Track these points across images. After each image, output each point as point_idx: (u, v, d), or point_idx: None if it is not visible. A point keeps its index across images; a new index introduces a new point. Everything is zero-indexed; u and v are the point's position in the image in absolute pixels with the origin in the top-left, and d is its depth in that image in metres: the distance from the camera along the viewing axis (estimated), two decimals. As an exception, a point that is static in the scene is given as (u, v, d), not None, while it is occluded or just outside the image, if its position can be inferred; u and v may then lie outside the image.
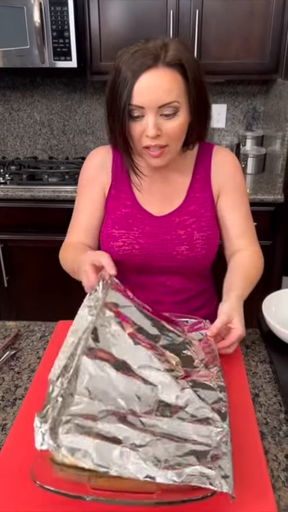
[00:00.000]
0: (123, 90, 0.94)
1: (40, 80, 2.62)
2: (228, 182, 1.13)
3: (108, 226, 1.13)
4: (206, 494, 0.60)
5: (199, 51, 2.19)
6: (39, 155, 2.78)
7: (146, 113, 0.95)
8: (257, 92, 2.58)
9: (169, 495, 0.61)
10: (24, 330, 1.09)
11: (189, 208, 1.12)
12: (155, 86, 0.93)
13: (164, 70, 0.93)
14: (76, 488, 0.62)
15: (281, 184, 2.18)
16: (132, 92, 0.93)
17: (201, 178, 1.13)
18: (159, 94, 0.93)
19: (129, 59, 0.94)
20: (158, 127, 0.96)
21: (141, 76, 0.92)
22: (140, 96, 0.93)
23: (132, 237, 1.11)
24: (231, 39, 2.17)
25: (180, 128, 0.99)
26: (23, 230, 2.26)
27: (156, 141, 0.98)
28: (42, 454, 0.64)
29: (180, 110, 0.96)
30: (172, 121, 0.97)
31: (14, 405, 0.85)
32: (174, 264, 1.12)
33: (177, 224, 1.11)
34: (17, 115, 2.71)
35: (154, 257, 1.12)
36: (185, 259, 1.11)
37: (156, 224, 1.12)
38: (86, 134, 2.72)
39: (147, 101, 0.93)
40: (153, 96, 0.93)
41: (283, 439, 0.77)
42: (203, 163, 1.14)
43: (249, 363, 0.97)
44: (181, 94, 0.95)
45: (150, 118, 0.95)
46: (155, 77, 0.93)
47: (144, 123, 0.96)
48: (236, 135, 2.66)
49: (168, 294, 1.17)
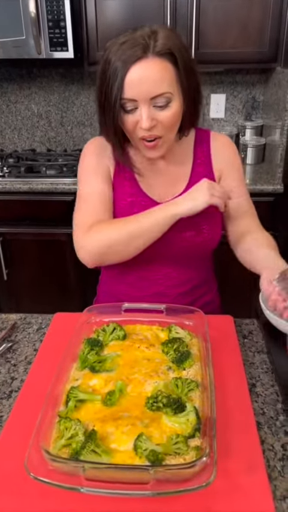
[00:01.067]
0: (114, 83, 0.92)
1: (37, 72, 2.59)
2: (228, 164, 1.14)
3: (113, 216, 1.12)
4: (201, 484, 0.60)
5: (197, 40, 2.15)
6: (37, 147, 2.76)
7: (138, 105, 0.94)
8: (256, 81, 2.55)
9: (163, 486, 0.61)
10: (21, 323, 1.09)
11: None
12: (146, 78, 0.92)
13: (154, 60, 0.91)
14: (70, 479, 0.62)
15: (280, 174, 2.16)
16: (124, 85, 0.92)
17: (202, 162, 1.13)
18: (151, 86, 0.92)
19: (118, 51, 0.92)
20: (152, 118, 0.95)
21: (131, 68, 0.91)
22: (131, 89, 0.92)
23: None
24: (229, 27, 2.14)
25: (174, 117, 0.98)
26: (21, 223, 2.25)
27: (151, 132, 0.97)
28: (35, 446, 0.64)
29: (173, 99, 0.95)
30: (166, 110, 0.96)
31: (10, 397, 0.85)
32: (180, 251, 1.11)
33: None
34: (14, 107, 2.69)
35: (159, 245, 1.07)
36: (192, 245, 1.11)
37: None
38: (84, 126, 2.70)
39: (139, 94, 0.92)
40: (144, 88, 0.92)
41: (279, 429, 0.77)
42: (201, 148, 1.14)
43: (246, 353, 0.96)
44: (173, 83, 0.94)
45: (144, 110, 0.94)
46: (145, 69, 0.91)
47: (138, 115, 0.95)
48: (235, 125, 2.64)
49: (174, 286, 1.16)
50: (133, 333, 0.95)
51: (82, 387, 0.79)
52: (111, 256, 1.05)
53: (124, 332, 0.93)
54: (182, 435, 0.68)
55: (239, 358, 0.93)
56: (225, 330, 1.01)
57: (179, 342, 0.88)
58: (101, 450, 0.65)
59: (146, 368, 0.83)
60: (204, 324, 0.92)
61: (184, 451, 0.66)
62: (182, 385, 0.78)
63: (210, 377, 0.77)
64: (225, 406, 0.79)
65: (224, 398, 0.81)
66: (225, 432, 0.73)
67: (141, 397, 0.76)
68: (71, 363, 0.86)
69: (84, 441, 0.66)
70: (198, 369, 0.83)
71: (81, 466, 0.61)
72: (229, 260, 1.15)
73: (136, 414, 0.73)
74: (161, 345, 0.89)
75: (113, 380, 0.80)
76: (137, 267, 1.14)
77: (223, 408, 0.78)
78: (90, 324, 0.97)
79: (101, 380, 0.81)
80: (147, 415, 0.73)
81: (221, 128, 2.63)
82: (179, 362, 0.84)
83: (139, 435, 0.66)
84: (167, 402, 0.73)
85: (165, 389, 0.77)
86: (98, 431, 0.68)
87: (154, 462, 0.64)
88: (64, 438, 0.68)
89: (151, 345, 0.90)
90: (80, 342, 0.91)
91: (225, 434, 0.73)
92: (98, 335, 0.94)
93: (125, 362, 0.85)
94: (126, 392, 0.78)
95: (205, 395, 0.75)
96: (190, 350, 0.88)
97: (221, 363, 0.90)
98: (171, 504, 0.63)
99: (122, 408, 0.74)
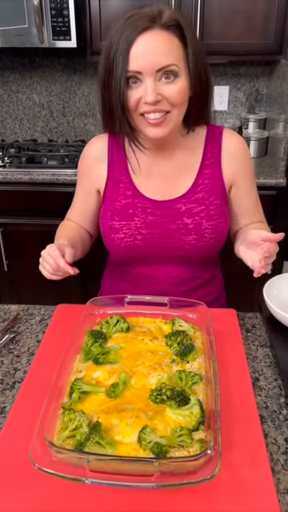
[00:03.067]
0: (119, 57, 0.90)
1: (39, 61, 2.56)
2: (241, 172, 1.11)
3: (108, 218, 1.10)
4: (205, 477, 0.60)
5: (201, 31, 2.13)
6: (39, 138, 2.74)
7: (143, 78, 0.91)
8: (260, 73, 2.53)
9: (168, 478, 0.61)
10: (24, 314, 1.09)
11: (197, 195, 1.08)
12: (152, 49, 0.89)
13: (161, 31, 0.90)
14: (75, 471, 0.62)
15: (283, 167, 2.15)
16: (129, 57, 0.89)
17: (210, 164, 1.09)
18: (157, 57, 0.89)
19: (123, 25, 0.91)
20: (157, 92, 0.91)
21: (137, 39, 0.89)
22: (136, 60, 0.89)
23: (134, 227, 1.08)
24: (234, 19, 2.12)
25: (181, 93, 0.94)
26: (22, 214, 2.24)
27: (157, 106, 0.93)
28: (40, 437, 0.64)
29: (180, 74, 0.93)
30: (172, 86, 0.93)
31: (13, 388, 0.85)
32: (181, 253, 1.10)
33: (183, 212, 1.07)
34: (15, 97, 2.66)
35: (159, 247, 1.09)
36: (193, 249, 1.08)
37: (160, 212, 1.08)
38: (86, 117, 2.67)
39: (144, 65, 0.89)
40: (150, 60, 0.89)
41: (283, 423, 0.77)
42: (212, 148, 1.09)
43: (249, 347, 0.96)
44: (180, 58, 0.92)
45: (149, 83, 0.91)
46: (151, 39, 0.89)
47: (142, 89, 0.92)
48: (239, 118, 2.62)
49: (175, 285, 1.15)
50: (136, 325, 0.94)
51: (86, 379, 0.79)
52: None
53: (128, 324, 0.92)
54: (186, 428, 0.68)
55: (242, 352, 0.93)
56: (228, 323, 1.01)
57: (182, 335, 0.88)
58: (105, 442, 0.65)
59: (150, 361, 0.83)
60: (207, 318, 0.92)
61: (188, 443, 0.66)
62: (185, 378, 0.78)
63: (214, 370, 0.77)
64: (228, 400, 0.79)
65: (227, 391, 0.81)
66: (229, 425, 0.73)
67: (145, 389, 0.76)
68: (75, 354, 0.85)
69: (88, 433, 0.66)
70: (202, 362, 0.83)
71: (85, 458, 0.61)
72: (232, 253, 1.14)
73: (140, 407, 0.73)
74: (165, 338, 0.89)
75: (116, 372, 0.80)
76: (138, 265, 1.14)
77: (226, 402, 0.78)
78: (94, 316, 0.97)
79: (104, 372, 0.81)
80: (151, 407, 0.73)
81: (224, 120, 2.61)
82: (183, 355, 0.84)
83: (143, 428, 0.66)
84: (171, 395, 0.73)
85: (169, 382, 0.77)
86: (102, 423, 0.68)
87: (158, 454, 0.64)
88: (68, 429, 0.68)
89: (155, 337, 0.90)
90: (83, 334, 0.90)
91: (229, 427, 0.73)
92: (101, 327, 0.93)
93: (129, 354, 0.85)
94: (130, 385, 0.78)
95: (209, 388, 0.75)
96: (194, 343, 0.88)
97: (224, 356, 0.89)
98: (174, 496, 0.63)
99: (125, 401, 0.74)
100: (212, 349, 0.83)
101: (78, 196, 1.19)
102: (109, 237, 1.11)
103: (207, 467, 0.62)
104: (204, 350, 0.86)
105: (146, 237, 1.08)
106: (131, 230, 1.08)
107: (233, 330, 0.99)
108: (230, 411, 0.77)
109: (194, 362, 0.84)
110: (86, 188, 1.16)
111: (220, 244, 1.12)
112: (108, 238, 1.12)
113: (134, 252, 1.10)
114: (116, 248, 1.11)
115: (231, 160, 1.09)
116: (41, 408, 0.70)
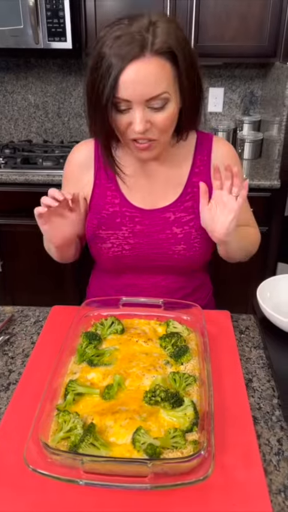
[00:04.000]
0: (107, 81, 0.85)
1: (34, 62, 2.56)
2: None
3: (94, 226, 1.07)
4: (199, 478, 0.61)
5: (196, 32, 2.14)
6: (34, 138, 2.74)
7: (132, 106, 0.88)
8: (255, 75, 2.54)
9: (162, 479, 0.62)
10: (18, 315, 1.09)
11: (186, 203, 1.06)
12: (142, 79, 0.85)
13: (152, 59, 0.84)
14: (69, 472, 0.62)
15: (277, 169, 2.16)
16: (118, 85, 0.85)
17: (200, 172, 1.08)
18: (147, 87, 0.86)
19: (112, 45, 0.85)
20: (146, 120, 0.89)
21: (126, 68, 0.84)
22: (126, 90, 0.85)
23: (122, 237, 1.06)
24: (229, 21, 2.13)
25: (170, 120, 0.92)
26: (17, 215, 2.24)
27: (145, 135, 0.91)
28: (34, 439, 0.65)
29: (170, 100, 0.89)
30: (161, 113, 0.90)
31: (8, 390, 0.85)
32: (170, 263, 1.08)
33: (172, 222, 1.06)
34: (11, 97, 2.66)
35: (147, 257, 1.07)
36: (182, 259, 1.07)
37: (148, 222, 1.06)
38: (82, 118, 2.68)
39: (134, 96, 0.86)
40: (139, 90, 0.85)
41: (275, 424, 0.77)
42: (202, 156, 1.08)
43: (243, 348, 0.97)
44: (171, 83, 0.88)
45: (138, 112, 0.88)
46: (141, 69, 0.84)
47: (131, 116, 0.89)
48: (233, 120, 2.63)
49: (163, 293, 1.12)
50: (131, 327, 0.95)
51: (80, 381, 0.79)
52: (54, 255, 1.13)
53: (122, 326, 0.93)
54: (180, 429, 0.69)
55: (236, 353, 0.93)
56: (222, 325, 1.02)
57: (176, 336, 0.89)
58: (99, 443, 0.66)
59: (144, 362, 0.83)
60: (201, 319, 0.93)
61: (182, 444, 0.67)
62: (179, 379, 0.78)
63: (208, 371, 0.78)
64: (222, 401, 0.80)
65: (221, 393, 0.82)
66: (222, 426, 0.74)
67: (139, 391, 0.77)
68: (69, 356, 0.86)
69: (83, 434, 0.66)
70: (196, 364, 0.84)
71: (80, 459, 0.62)
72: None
73: (134, 408, 0.73)
74: (159, 340, 0.90)
75: (111, 374, 0.80)
76: (126, 274, 1.12)
77: (220, 403, 0.79)
78: (88, 318, 0.97)
79: (99, 373, 0.81)
80: (145, 409, 0.73)
81: (219, 122, 2.62)
82: (177, 357, 0.85)
83: (138, 429, 0.67)
84: (165, 397, 0.73)
85: (163, 384, 0.77)
86: (96, 425, 0.69)
87: (152, 456, 0.64)
88: (63, 431, 0.69)
89: (149, 339, 0.90)
90: (78, 336, 0.91)
91: (222, 428, 0.74)
92: (96, 328, 0.94)
93: (123, 356, 0.85)
94: (124, 386, 0.78)
95: (203, 390, 0.76)
96: (188, 344, 0.88)
97: (218, 358, 0.90)
98: (168, 497, 0.63)
99: (120, 402, 0.75)
100: (206, 351, 0.83)
101: None
102: (95, 246, 1.09)
103: (201, 468, 0.62)
104: (198, 351, 0.87)
105: (134, 247, 1.06)
106: (119, 240, 1.06)
107: (227, 332, 1.00)
108: (223, 413, 0.77)
109: (188, 363, 0.84)
110: (75, 189, 1.10)
111: (209, 252, 1.11)
112: (94, 247, 1.10)
113: (122, 262, 1.09)
114: (103, 258, 1.10)
115: (220, 166, 1.06)
116: (36, 409, 0.70)
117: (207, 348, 0.84)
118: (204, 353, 0.83)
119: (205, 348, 0.84)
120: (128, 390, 0.78)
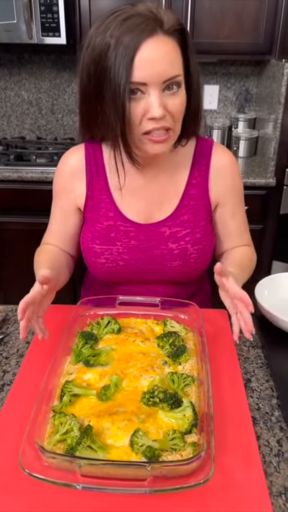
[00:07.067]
0: (119, 66, 0.79)
1: (28, 57, 2.53)
2: (228, 190, 1.05)
3: (88, 240, 1.04)
4: (199, 481, 0.59)
5: (192, 29, 2.12)
6: (27, 135, 2.71)
7: (148, 90, 0.82)
8: (250, 73, 2.53)
9: (161, 482, 0.60)
10: (12, 315, 1.07)
11: (182, 217, 1.02)
12: (159, 57, 0.80)
13: (165, 38, 0.81)
14: (66, 476, 0.60)
15: (273, 167, 2.15)
16: (133, 67, 0.79)
17: (197, 183, 1.03)
18: (165, 66, 0.80)
19: (120, 28, 0.79)
20: (163, 105, 0.83)
21: (141, 46, 0.78)
22: (143, 70, 0.79)
23: (116, 253, 1.02)
24: (224, 18, 2.12)
25: (182, 105, 0.87)
26: (10, 212, 2.21)
27: (162, 122, 0.85)
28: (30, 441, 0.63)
29: (181, 86, 0.86)
30: (175, 98, 0.84)
31: (2, 391, 0.83)
32: (165, 278, 1.06)
33: (168, 237, 1.02)
34: (4, 94, 2.63)
35: (142, 272, 1.04)
36: (177, 274, 1.04)
37: (143, 237, 1.02)
38: (76, 114, 2.63)
39: (152, 76, 0.80)
40: (157, 69, 0.80)
41: (275, 424, 0.76)
42: (200, 167, 1.03)
43: (241, 348, 0.96)
44: (181, 68, 0.85)
45: (155, 96, 0.82)
46: (157, 46, 0.79)
47: (146, 103, 0.83)
48: (228, 117, 2.62)
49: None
50: (128, 326, 0.93)
51: (76, 382, 0.78)
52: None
53: (119, 326, 0.91)
54: (179, 431, 0.67)
55: (234, 353, 0.92)
56: (220, 324, 1.01)
57: (174, 336, 0.87)
58: (96, 446, 0.64)
59: (142, 363, 0.82)
60: (199, 318, 0.91)
61: (181, 447, 0.65)
62: (178, 380, 0.77)
63: (206, 372, 0.77)
64: (220, 401, 0.78)
65: (220, 393, 0.80)
66: (221, 428, 0.73)
67: (137, 392, 0.75)
68: (65, 356, 0.84)
69: (79, 436, 0.65)
70: (194, 364, 0.83)
71: (77, 462, 0.60)
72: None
73: (132, 410, 0.71)
74: (157, 339, 0.88)
75: (108, 375, 0.79)
76: (120, 285, 1.09)
77: (218, 404, 0.77)
78: (84, 317, 0.95)
79: (95, 374, 0.80)
80: (143, 410, 0.72)
81: (214, 120, 2.61)
82: (175, 357, 0.83)
83: (136, 431, 0.66)
84: (164, 398, 0.72)
85: (161, 384, 0.76)
86: (93, 427, 0.67)
87: (151, 458, 0.63)
88: (59, 433, 0.67)
89: (146, 339, 0.89)
90: (73, 336, 0.89)
91: (221, 429, 0.73)
92: (92, 328, 0.92)
93: (120, 356, 0.84)
94: (121, 387, 0.77)
95: (201, 390, 0.75)
96: (186, 344, 0.87)
97: (216, 357, 0.89)
98: (167, 500, 0.62)
99: (117, 403, 0.73)
100: (204, 350, 0.82)
101: (56, 217, 1.10)
102: (90, 260, 1.06)
103: (201, 471, 0.61)
104: (196, 351, 0.86)
105: (128, 263, 1.03)
106: (113, 255, 1.02)
107: (225, 331, 0.98)
108: (222, 413, 0.76)
109: (186, 363, 0.83)
110: (65, 207, 1.07)
111: (206, 265, 1.08)
112: (89, 260, 1.06)
113: (116, 277, 1.06)
114: (98, 272, 1.07)
115: (219, 178, 1.04)
116: (31, 411, 0.68)
117: (205, 348, 0.83)
118: (203, 353, 0.82)
119: (203, 348, 0.83)
120: (125, 391, 0.76)
